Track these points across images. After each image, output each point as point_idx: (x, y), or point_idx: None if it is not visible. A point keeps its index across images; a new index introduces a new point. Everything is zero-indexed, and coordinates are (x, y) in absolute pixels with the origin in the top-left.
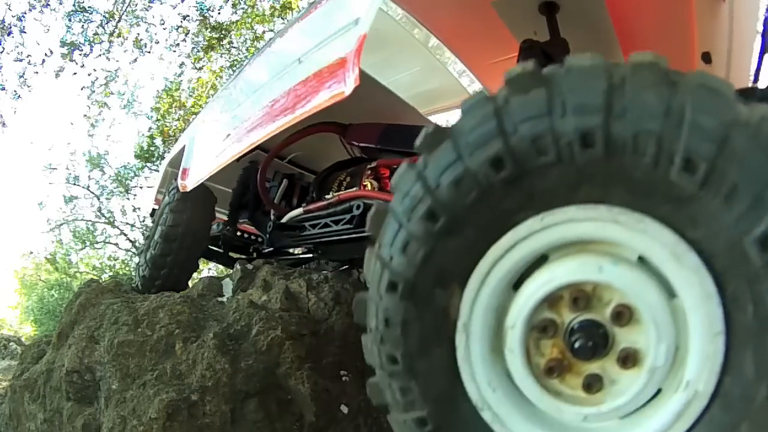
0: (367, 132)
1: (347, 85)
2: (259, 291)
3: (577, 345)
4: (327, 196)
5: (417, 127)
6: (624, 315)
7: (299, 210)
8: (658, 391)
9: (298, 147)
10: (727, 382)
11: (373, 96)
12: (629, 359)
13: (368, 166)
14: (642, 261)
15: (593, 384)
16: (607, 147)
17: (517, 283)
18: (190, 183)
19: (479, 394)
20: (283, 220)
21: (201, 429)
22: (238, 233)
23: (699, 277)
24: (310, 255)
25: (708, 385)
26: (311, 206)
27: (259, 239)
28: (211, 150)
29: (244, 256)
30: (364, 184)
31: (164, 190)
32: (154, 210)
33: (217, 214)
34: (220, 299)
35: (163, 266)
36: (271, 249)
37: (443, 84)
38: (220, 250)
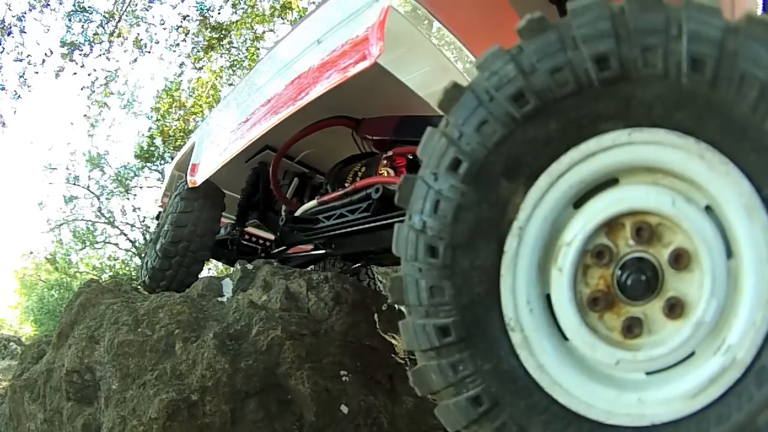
0: (382, 125)
1: (372, 54)
2: (259, 291)
3: (628, 280)
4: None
5: (431, 117)
6: (682, 259)
7: (313, 202)
8: (691, 353)
9: (309, 145)
10: (765, 356)
11: (385, 90)
12: (676, 308)
13: (384, 156)
14: (707, 211)
15: (633, 327)
16: (715, 77)
17: (578, 203)
18: (199, 177)
19: (515, 310)
20: (297, 213)
21: (201, 429)
22: (246, 237)
23: (765, 237)
24: (323, 251)
25: (748, 354)
26: (326, 197)
27: (267, 243)
28: (221, 142)
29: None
30: (381, 173)
31: (170, 193)
32: (160, 213)
33: (225, 220)
34: (220, 299)
35: (168, 267)
36: (281, 249)
37: None
38: (228, 251)
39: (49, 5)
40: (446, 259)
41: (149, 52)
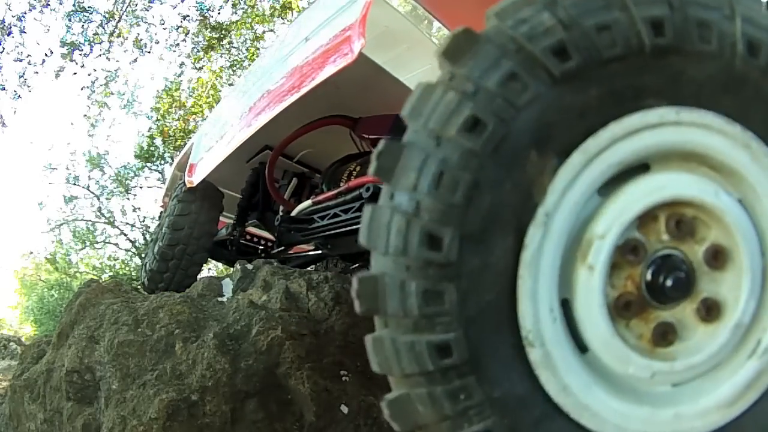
0: (378, 123)
1: (353, 51)
2: (259, 291)
3: (661, 281)
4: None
5: None
6: (719, 257)
7: (308, 202)
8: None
9: (307, 144)
10: None
11: (383, 88)
12: (712, 311)
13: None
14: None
15: (667, 333)
16: None
17: (601, 190)
18: (196, 178)
19: (534, 321)
20: (293, 214)
21: (201, 429)
22: (247, 237)
23: None
24: (320, 252)
25: None
26: (320, 197)
27: (268, 243)
28: (218, 143)
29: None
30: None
31: (171, 194)
32: (162, 214)
33: (225, 220)
34: (220, 299)
35: (166, 269)
36: (280, 249)
37: None
38: (228, 251)
39: (49, 5)
40: (451, 254)
41: (149, 52)
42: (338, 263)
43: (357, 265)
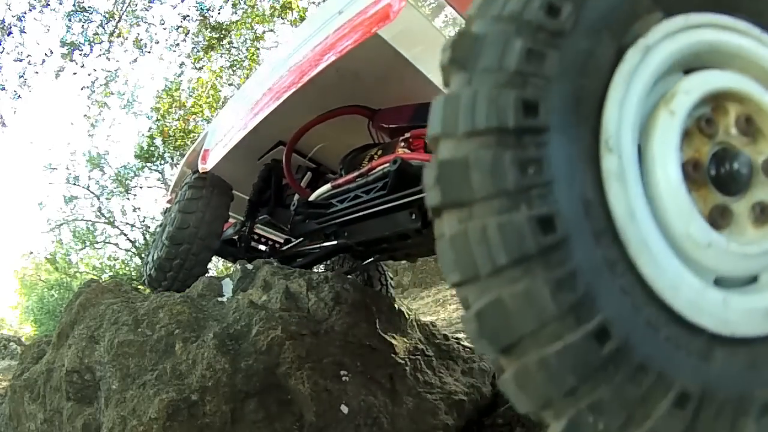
0: (398, 113)
1: (395, 7)
2: (259, 291)
3: (724, 167)
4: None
5: None
6: None
7: (327, 186)
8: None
9: (321, 139)
10: None
11: (403, 79)
12: (765, 213)
13: (401, 138)
14: None
15: (724, 215)
16: None
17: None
18: (210, 162)
19: (617, 129)
20: (310, 198)
21: (201, 429)
22: (254, 237)
23: None
24: (334, 243)
25: None
26: (340, 181)
27: (276, 245)
28: (235, 127)
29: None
30: (398, 153)
31: (178, 190)
32: (167, 210)
33: (232, 220)
34: (220, 299)
35: (176, 255)
36: (290, 245)
37: None
38: (236, 248)
39: (49, 5)
40: (566, 24)
41: (149, 52)
42: (344, 263)
43: (369, 260)
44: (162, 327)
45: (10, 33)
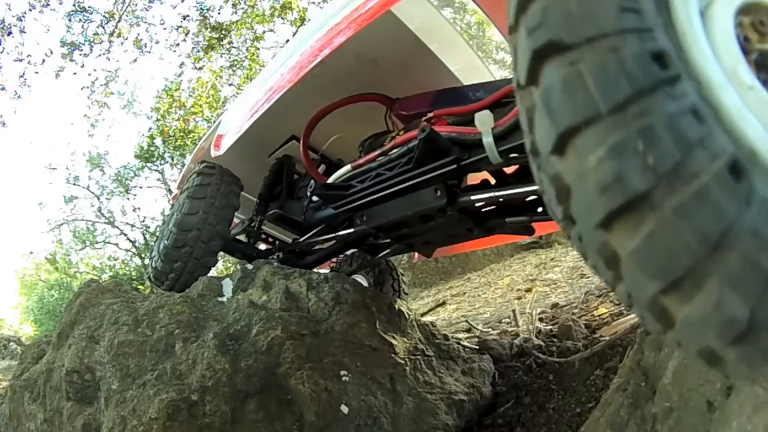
0: (418, 100)
1: None
2: (259, 291)
3: None
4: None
5: (468, 87)
6: None
7: (347, 167)
8: None
9: (336, 131)
10: None
11: (422, 68)
12: None
13: (423, 119)
14: None
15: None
16: None
17: None
18: (223, 146)
19: None
20: (329, 181)
21: (201, 429)
22: (262, 235)
23: None
24: (348, 231)
25: None
26: (361, 160)
27: (284, 245)
28: (250, 110)
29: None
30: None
31: (184, 185)
32: (172, 207)
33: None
34: (220, 299)
35: (184, 243)
36: (303, 237)
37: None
38: (245, 244)
39: (49, 5)
40: None
41: (149, 52)
42: (353, 261)
43: (381, 254)
44: (162, 327)
45: (10, 33)
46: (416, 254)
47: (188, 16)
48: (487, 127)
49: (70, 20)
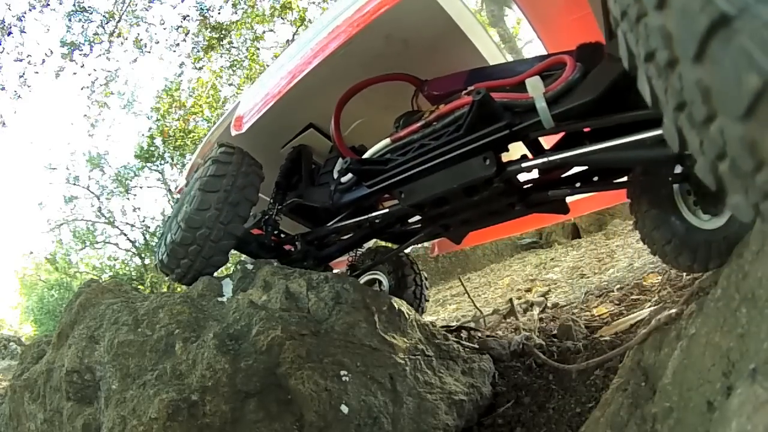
0: (451, 80)
1: None
2: (259, 291)
3: None
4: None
5: (498, 66)
6: None
7: (385, 141)
8: None
9: (358, 114)
10: None
11: (450, 50)
12: None
13: (464, 92)
14: None
15: None
16: None
17: None
18: (246, 125)
19: None
20: (365, 156)
21: (201, 429)
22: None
23: None
24: (381, 212)
25: None
26: (402, 132)
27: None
28: (273, 87)
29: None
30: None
31: (190, 180)
32: (177, 201)
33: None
34: (220, 299)
35: (193, 241)
36: (330, 226)
37: None
38: (257, 239)
39: (49, 5)
40: None
41: (149, 52)
42: (377, 255)
43: (407, 243)
44: (162, 327)
45: (10, 33)
46: (436, 247)
47: (188, 16)
48: (539, 92)
49: (70, 20)
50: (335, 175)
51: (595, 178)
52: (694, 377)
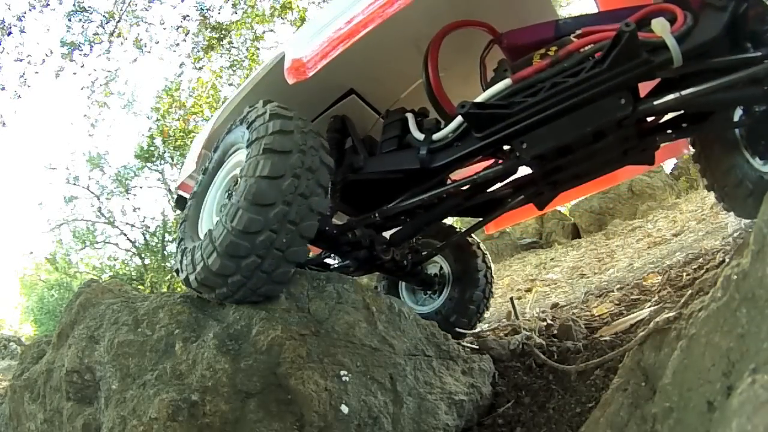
0: (536, 30)
1: None
2: None
3: None
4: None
5: (588, 16)
6: None
7: (505, 82)
8: None
9: (411, 78)
10: None
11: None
12: None
13: (573, 36)
14: None
15: None
16: None
17: None
18: (310, 68)
19: None
20: (480, 99)
21: (201, 429)
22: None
23: None
24: (499, 166)
25: None
26: (526, 71)
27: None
28: (332, 32)
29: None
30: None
31: (197, 175)
32: (179, 198)
33: None
34: None
35: (237, 267)
36: (423, 192)
37: None
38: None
39: (49, 5)
40: None
41: (149, 52)
42: (440, 235)
43: (487, 217)
44: (162, 327)
45: (10, 33)
46: (492, 224)
47: (188, 16)
48: (667, 31)
49: (70, 20)
50: (416, 135)
51: (684, 125)
52: (694, 377)
